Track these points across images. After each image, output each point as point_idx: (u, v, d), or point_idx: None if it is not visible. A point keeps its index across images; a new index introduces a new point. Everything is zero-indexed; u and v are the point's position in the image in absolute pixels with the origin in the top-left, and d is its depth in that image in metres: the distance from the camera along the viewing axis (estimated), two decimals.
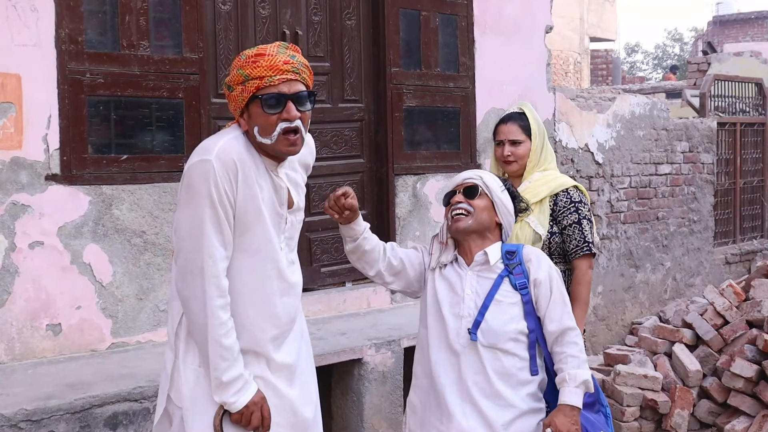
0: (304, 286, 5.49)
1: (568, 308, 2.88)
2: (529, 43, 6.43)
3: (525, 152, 3.54)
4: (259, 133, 2.45)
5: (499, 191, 2.95)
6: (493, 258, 2.89)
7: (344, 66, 5.49)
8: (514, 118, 3.59)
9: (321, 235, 5.43)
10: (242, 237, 2.49)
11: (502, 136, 3.59)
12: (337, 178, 5.48)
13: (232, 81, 2.47)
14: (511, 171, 3.61)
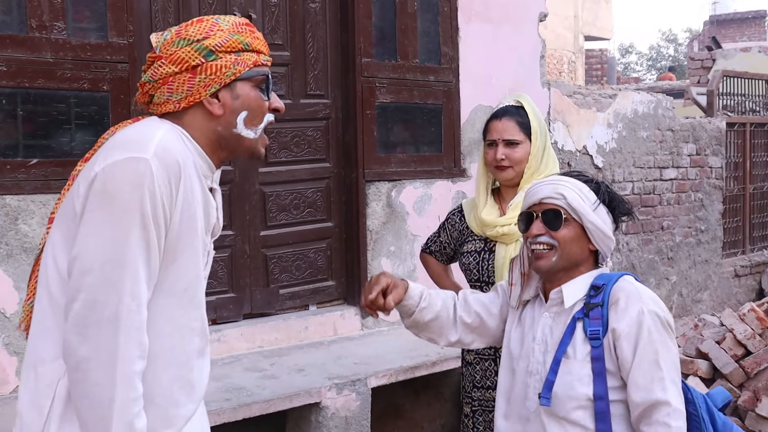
0: (260, 310, 4.89)
1: (663, 373, 2.05)
2: (521, 32, 5.70)
3: (523, 155, 2.88)
4: (246, 123, 1.89)
5: (590, 212, 2.15)
6: (570, 297, 2.19)
7: (307, 56, 4.74)
8: (510, 113, 2.91)
9: (279, 251, 4.68)
10: (167, 270, 1.80)
11: (494, 134, 2.91)
12: (298, 185, 4.74)
13: (218, 46, 1.84)
14: (505, 179, 2.93)
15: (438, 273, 3.30)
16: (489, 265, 2.93)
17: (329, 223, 4.89)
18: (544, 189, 2.19)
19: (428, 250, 3.28)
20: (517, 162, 2.88)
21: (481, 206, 2.97)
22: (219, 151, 1.92)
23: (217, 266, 4.44)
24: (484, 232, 2.94)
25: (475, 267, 2.95)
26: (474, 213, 3.00)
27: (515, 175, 2.90)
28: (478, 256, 2.95)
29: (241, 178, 4.51)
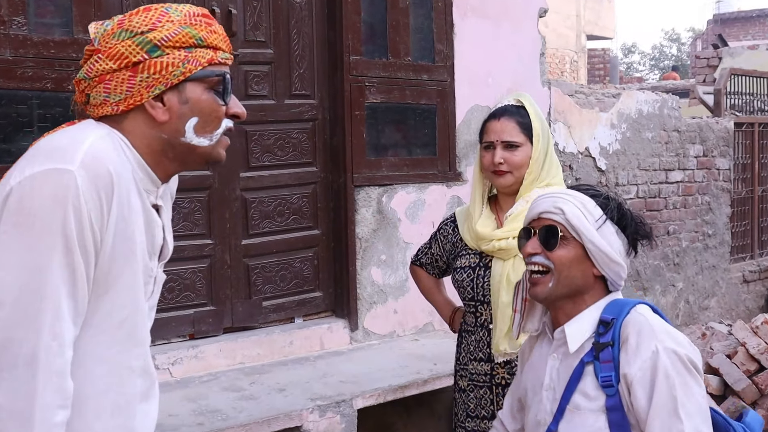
0: (241, 324, 4.62)
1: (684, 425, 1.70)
2: (520, 29, 5.42)
3: (523, 160, 2.60)
4: (197, 130, 1.63)
5: (591, 230, 1.83)
6: (574, 340, 1.86)
7: (292, 53, 4.47)
8: (510, 113, 2.63)
9: (262, 261, 4.41)
10: (99, 302, 1.54)
11: (492, 136, 2.62)
12: (282, 191, 4.46)
13: (165, 41, 1.59)
14: (503, 185, 2.65)
15: (429, 287, 3.02)
16: (484, 282, 2.64)
17: (316, 231, 4.61)
18: (544, 203, 1.90)
19: (418, 262, 3.00)
20: (516, 167, 2.60)
21: (476, 216, 2.69)
22: (165, 162, 1.65)
23: (195, 278, 4.16)
24: (479, 245, 2.65)
25: (469, 284, 2.67)
26: (468, 224, 2.72)
27: (514, 181, 2.62)
28: (472, 273, 2.67)
29: (221, 183, 4.23)
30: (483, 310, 2.66)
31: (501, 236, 2.59)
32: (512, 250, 2.55)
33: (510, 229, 2.58)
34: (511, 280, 2.54)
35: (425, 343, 4.67)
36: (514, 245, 2.53)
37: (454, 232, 2.82)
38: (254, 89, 4.33)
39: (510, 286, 2.55)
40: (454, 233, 2.81)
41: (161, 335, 4.07)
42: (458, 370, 2.80)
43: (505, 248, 2.57)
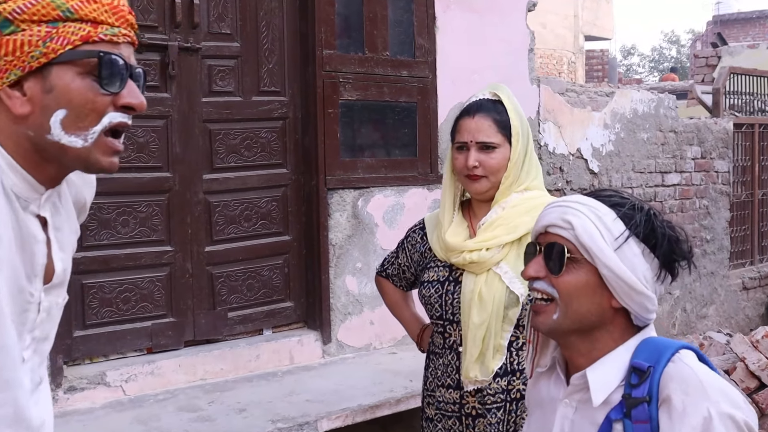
0: (204, 337, 4.18)
1: None
2: (508, 23, 5.12)
3: (500, 162, 2.30)
4: (66, 126, 1.29)
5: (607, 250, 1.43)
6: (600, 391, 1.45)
7: (260, 47, 4.17)
8: (485, 109, 2.32)
9: (227, 269, 4.11)
10: None
11: (466, 135, 2.32)
12: (249, 194, 4.17)
13: (18, 13, 1.25)
14: (478, 191, 2.34)
15: (395, 302, 2.71)
16: (454, 299, 2.34)
17: (286, 237, 4.31)
18: (551, 213, 1.51)
19: (384, 273, 2.69)
20: (493, 170, 2.30)
21: (446, 224, 2.38)
22: (43, 164, 1.33)
23: (153, 287, 3.87)
24: (449, 257, 2.34)
25: (437, 301, 2.36)
26: (438, 232, 2.41)
27: (490, 186, 2.32)
28: (441, 288, 2.36)
29: (182, 185, 3.93)
30: (452, 330, 2.36)
31: (473, 247, 2.29)
32: (486, 263, 2.25)
33: (483, 239, 2.28)
34: (484, 298, 2.25)
35: (403, 357, 4.38)
36: (487, 258, 2.25)
37: (423, 240, 2.52)
38: (219, 85, 4.04)
39: (483, 303, 2.25)
40: (423, 242, 2.51)
41: (115, 349, 3.78)
42: (425, 396, 2.50)
43: (478, 261, 2.26)
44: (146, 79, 1.51)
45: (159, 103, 3.83)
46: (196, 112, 3.96)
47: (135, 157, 3.78)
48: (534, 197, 2.32)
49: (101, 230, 3.70)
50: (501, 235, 2.27)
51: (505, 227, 2.27)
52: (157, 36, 3.82)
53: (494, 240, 2.26)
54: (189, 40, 3.91)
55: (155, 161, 3.85)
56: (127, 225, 3.78)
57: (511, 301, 2.23)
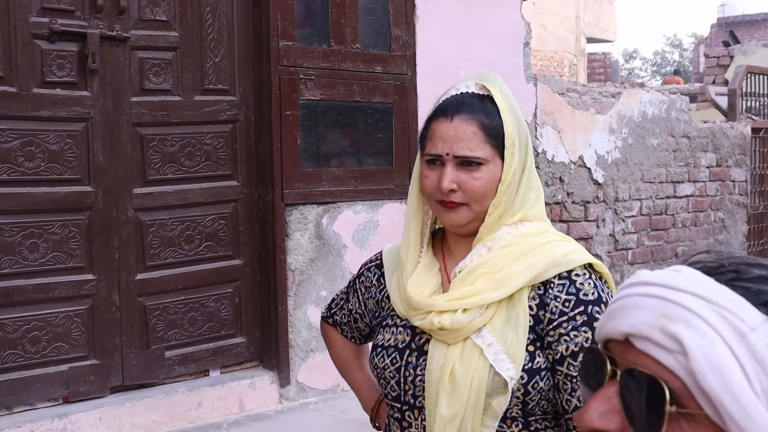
0: (136, 381, 3.35)
1: None
2: (499, 13, 4.48)
3: (487, 185, 1.56)
4: None
5: (758, 404, 0.66)
6: None
7: (204, 37, 3.53)
8: (469, 108, 1.57)
9: (163, 300, 3.46)
10: None
11: (440, 146, 1.57)
12: (191, 211, 3.52)
13: None
14: (455, 224, 1.60)
15: (344, 359, 2.01)
16: (416, 377, 1.63)
17: (237, 261, 3.67)
18: (643, 309, 0.75)
19: (332, 320, 2.00)
20: (477, 197, 1.56)
21: (410, 268, 1.65)
22: None
23: (71, 324, 3.22)
24: (411, 317, 1.63)
25: (393, 377, 1.63)
26: (398, 277, 1.72)
27: (472, 218, 1.58)
28: (399, 358, 1.63)
29: (107, 201, 3.29)
30: (412, 418, 1.65)
31: (444, 307, 1.55)
32: (462, 330, 1.53)
33: (459, 295, 1.55)
34: (458, 380, 1.52)
35: None
36: (464, 323, 1.52)
37: (380, 283, 1.80)
38: (153, 82, 3.39)
39: (456, 388, 1.54)
40: (379, 285, 1.80)
41: (23, 400, 3.13)
42: None
43: (450, 328, 1.54)
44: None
45: (76, 103, 3.19)
46: (125, 114, 3.32)
47: (46, 168, 3.14)
48: (532, 233, 1.59)
49: (3, 256, 3.06)
50: (485, 291, 1.53)
51: (490, 278, 1.54)
52: (73, 22, 3.18)
53: (475, 297, 1.54)
54: (114, 27, 3.27)
55: (72, 173, 3.20)
56: (37, 250, 3.13)
57: (497, 386, 1.51)
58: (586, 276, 1.55)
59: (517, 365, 1.49)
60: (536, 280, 1.53)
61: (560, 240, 1.61)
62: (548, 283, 1.53)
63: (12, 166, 3.07)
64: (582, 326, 1.51)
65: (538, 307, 1.54)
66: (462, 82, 1.66)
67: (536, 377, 1.51)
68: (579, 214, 5.09)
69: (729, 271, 0.76)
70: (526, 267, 1.54)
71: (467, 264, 1.58)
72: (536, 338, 1.53)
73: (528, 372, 1.50)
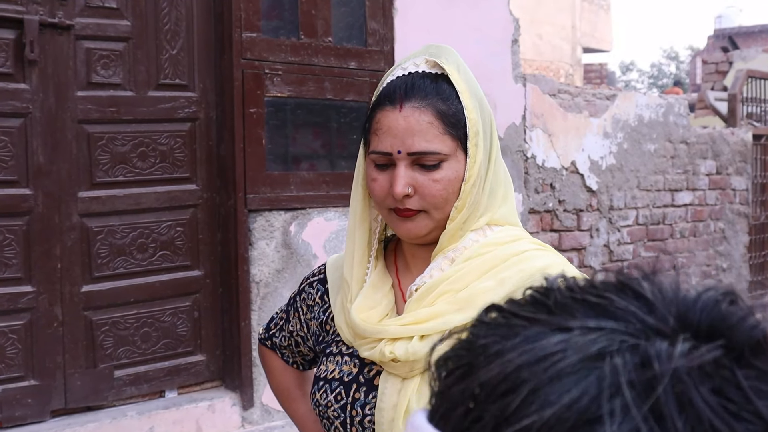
0: (81, 404, 2.94)
1: None
2: (485, 7, 4.20)
3: (449, 185, 1.27)
4: None
5: None
6: None
7: (159, 27, 3.24)
8: (421, 92, 1.28)
9: (113, 314, 3.16)
10: None
11: (387, 141, 1.27)
12: (145, 217, 3.22)
13: None
14: (412, 235, 1.31)
15: (285, 388, 1.70)
16: (363, 416, 1.30)
17: (195, 272, 3.36)
18: None
19: (269, 342, 1.69)
20: (437, 202, 1.26)
21: (355, 287, 1.36)
22: None
23: (6, 341, 2.91)
24: (358, 346, 1.34)
25: (338, 416, 1.32)
26: (342, 298, 1.41)
27: (433, 227, 1.29)
28: (345, 394, 1.33)
29: (48, 206, 2.98)
30: None
31: (397, 334, 1.26)
32: (419, 361, 1.23)
33: (416, 319, 1.26)
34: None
35: None
36: (423, 352, 1.21)
37: (324, 301, 1.49)
38: (101, 75, 3.10)
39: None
40: (323, 303, 1.49)
41: None
42: None
43: (404, 359, 1.25)
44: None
45: (13, 97, 2.89)
46: (69, 110, 3.02)
47: None
48: (503, 241, 1.29)
49: None
50: (447, 313, 1.24)
51: (453, 297, 1.25)
52: (8, 7, 2.88)
53: (434, 321, 1.25)
54: (56, 14, 2.97)
55: (8, 174, 2.90)
56: None
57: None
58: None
59: None
60: (509, 293, 1.23)
61: (537, 248, 1.30)
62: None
63: None
64: None
65: None
66: (409, 60, 1.34)
67: None
68: (571, 224, 4.80)
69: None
70: (496, 283, 1.24)
71: (425, 280, 1.28)
72: None
73: None
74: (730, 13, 34.50)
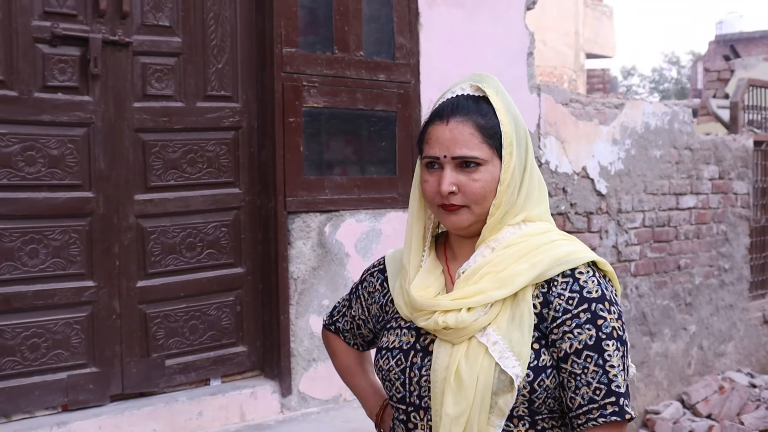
0: (136, 390, 3.28)
1: None
2: (503, 21, 4.46)
3: (487, 185, 1.58)
4: None
5: None
6: None
7: (207, 43, 3.51)
8: (465, 110, 1.60)
9: (164, 308, 3.43)
10: None
11: (437, 148, 1.60)
12: (193, 218, 3.49)
13: None
14: (456, 226, 1.63)
15: (347, 366, 2.00)
16: (421, 377, 1.61)
17: (238, 269, 3.63)
18: None
19: (334, 327, 1.98)
20: (477, 198, 1.58)
21: (412, 271, 1.66)
22: None
23: (70, 331, 3.18)
24: (415, 319, 1.63)
25: (399, 378, 1.64)
26: (401, 281, 1.70)
27: (474, 220, 1.60)
28: (404, 360, 1.64)
29: (108, 208, 3.26)
30: (418, 419, 1.63)
31: (448, 307, 1.56)
32: (467, 329, 1.53)
33: (463, 295, 1.56)
34: (463, 379, 1.51)
35: None
36: (469, 322, 1.52)
37: (383, 288, 1.80)
38: (155, 87, 3.37)
39: (462, 387, 1.52)
40: (383, 290, 1.80)
41: (21, 408, 3.08)
42: None
43: (455, 327, 1.54)
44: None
45: (78, 108, 3.16)
46: (126, 120, 3.29)
47: (47, 173, 3.10)
48: (535, 233, 1.60)
49: (2, 262, 3.02)
50: (489, 290, 1.54)
51: (494, 278, 1.55)
52: (75, 26, 3.15)
53: (479, 296, 1.55)
54: (117, 32, 3.25)
55: (73, 178, 3.17)
56: (36, 256, 3.09)
57: (502, 384, 1.50)
58: (590, 274, 1.55)
59: (523, 363, 1.49)
60: (540, 278, 1.54)
61: (564, 239, 1.62)
62: (552, 282, 1.54)
63: (12, 171, 3.04)
64: (586, 324, 1.51)
65: (542, 305, 1.54)
66: (457, 85, 1.67)
67: (542, 375, 1.50)
68: (582, 225, 5.06)
69: None
70: (529, 266, 1.54)
71: (471, 264, 1.59)
72: (541, 336, 1.53)
73: (534, 370, 1.50)
74: (731, 19, 34.62)
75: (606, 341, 1.50)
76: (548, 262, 1.54)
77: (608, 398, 1.48)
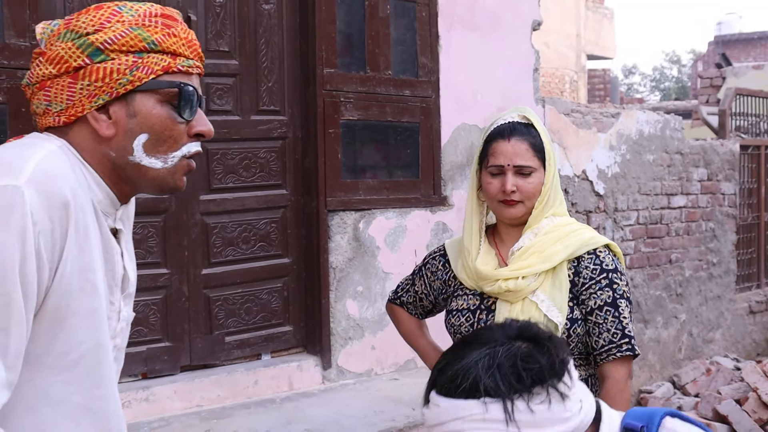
0: (201, 362, 3.95)
1: None
2: (512, 42, 5.04)
3: (536, 187, 2.26)
4: (148, 149, 1.41)
5: None
6: None
7: (259, 65, 4.08)
8: (520, 132, 2.26)
9: (224, 292, 4.00)
10: (54, 339, 1.32)
11: (502, 158, 2.25)
12: (248, 215, 4.07)
13: (109, 43, 1.37)
14: (513, 217, 2.29)
15: (411, 330, 2.63)
16: None
17: (285, 260, 4.21)
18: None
19: (398, 301, 2.61)
20: (529, 195, 2.24)
21: (474, 252, 2.31)
22: (120, 182, 1.44)
23: (149, 311, 3.76)
24: (482, 286, 2.28)
25: (468, 330, 2.29)
26: (463, 260, 2.34)
27: (525, 212, 2.26)
28: (472, 317, 2.29)
29: (178, 206, 3.83)
30: None
31: (508, 275, 2.22)
32: (522, 291, 2.20)
33: (518, 267, 2.22)
34: None
35: (405, 383, 4.26)
36: (524, 286, 2.18)
37: (445, 267, 2.44)
38: (217, 104, 3.95)
39: None
40: (445, 269, 2.44)
41: None
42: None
43: (514, 290, 2.20)
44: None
45: None
46: None
47: None
48: (563, 224, 2.26)
49: None
50: (535, 264, 2.20)
51: (538, 255, 2.21)
52: None
53: (530, 268, 2.20)
54: None
55: None
56: None
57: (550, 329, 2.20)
58: (606, 253, 2.23)
59: (563, 315, 2.16)
60: (572, 256, 2.21)
61: (585, 228, 2.30)
62: (580, 258, 2.21)
63: None
64: (605, 287, 2.18)
65: (574, 274, 2.21)
66: (507, 114, 2.33)
67: (575, 325, 2.17)
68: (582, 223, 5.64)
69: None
70: (564, 247, 2.21)
71: (521, 245, 2.26)
72: (573, 297, 2.19)
73: (569, 320, 2.17)
74: (730, 20, 35.06)
75: (619, 300, 2.17)
76: (577, 244, 2.21)
77: (623, 340, 2.15)
